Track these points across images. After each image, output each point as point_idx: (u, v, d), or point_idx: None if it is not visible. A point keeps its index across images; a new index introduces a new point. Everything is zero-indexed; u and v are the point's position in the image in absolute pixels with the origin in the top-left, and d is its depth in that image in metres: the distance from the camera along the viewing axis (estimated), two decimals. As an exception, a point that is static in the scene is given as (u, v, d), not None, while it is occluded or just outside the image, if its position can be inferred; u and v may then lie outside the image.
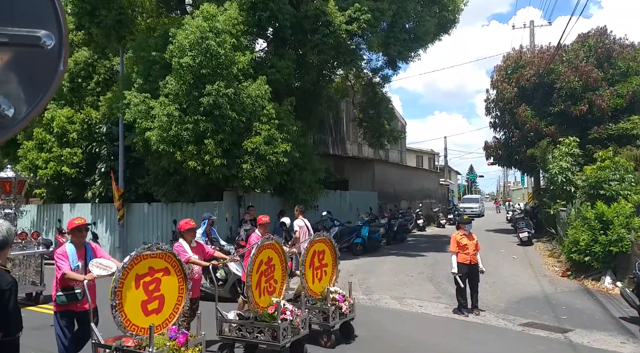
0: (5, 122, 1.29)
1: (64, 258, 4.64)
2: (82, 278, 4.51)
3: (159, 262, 4.51)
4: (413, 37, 15.69)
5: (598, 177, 12.47)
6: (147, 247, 4.38)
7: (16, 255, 8.81)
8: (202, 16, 11.31)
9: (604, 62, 18.67)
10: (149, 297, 4.39)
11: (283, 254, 6.02)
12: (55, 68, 1.33)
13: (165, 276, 4.54)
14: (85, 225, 4.86)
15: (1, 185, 9.22)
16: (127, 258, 4.21)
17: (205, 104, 10.97)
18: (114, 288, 4.02)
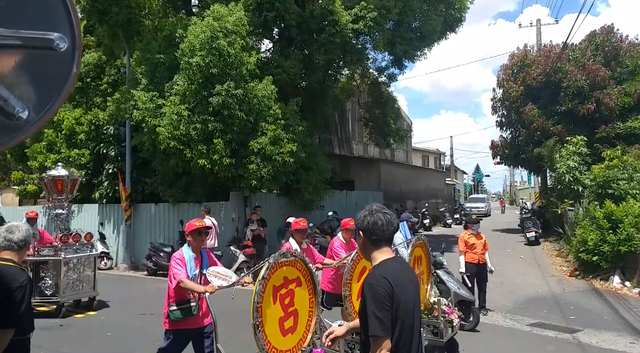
0: (19, 124, 1.30)
1: (182, 264, 4.07)
2: (202, 290, 3.95)
3: (293, 271, 3.89)
4: (419, 36, 15.64)
5: (606, 176, 12.38)
6: (282, 253, 3.75)
7: (70, 258, 8.33)
8: (213, 16, 11.35)
9: (612, 60, 18.54)
10: (285, 313, 3.77)
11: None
12: (69, 70, 1.34)
13: (298, 287, 3.93)
14: (205, 228, 4.31)
15: (53, 184, 8.62)
16: (265, 267, 3.56)
17: (214, 103, 10.98)
18: (255, 304, 3.42)
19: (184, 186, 13.04)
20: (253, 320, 3.40)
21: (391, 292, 2.12)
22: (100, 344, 6.65)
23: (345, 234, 6.19)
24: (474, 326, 7.00)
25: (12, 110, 1.28)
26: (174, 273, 4.01)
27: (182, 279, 3.95)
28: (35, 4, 1.35)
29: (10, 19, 1.30)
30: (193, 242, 4.22)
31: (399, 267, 2.29)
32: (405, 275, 2.27)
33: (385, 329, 2.08)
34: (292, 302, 3.82)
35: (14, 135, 1.31)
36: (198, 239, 4.21)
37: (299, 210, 14.24)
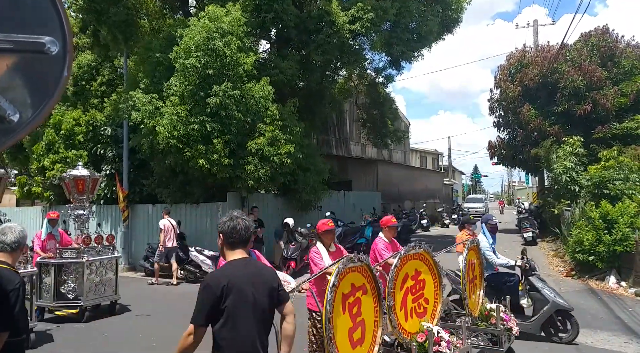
0: (11, 127, 1.32)
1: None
2: None
3: (359, 278, 3.60)
4: (416, 37, 15.68)
5: (602, 177, 12.43)
6: (349, 258, 3.46)
7: (92, 261, 8.05)
8: (208, 17, 11.37)
9: (608, 61, 18.61)
10: (353, 323, 3.48)
11: (435, 267, 4.71)
12: (60, 74, 1.36)
13: (364, 295, 3.65)
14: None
15: (74, 184, 8.39)
16: (335, 274, 3.21)
17: (212, 104, 11.00)
18: (328, 314, 3.10)
19: (181, 187, 13.05)
20: (326, 333, 3.10)
21: (221, 288, 2.49)
22: (97, 345, 6.65)
23: (387, 233, 5.86)
24: (573, 338, 6.34)
25: (3, 114, 1.29)
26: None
27: None
28: (27, 7, 1.36)
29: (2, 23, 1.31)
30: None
31: (242, 268, 2.64)
32: (246, 275, 2.60)
33: (194, 318, 2.52)
34: (360, 311, 3.56)
35: (5, 138, 1.32)
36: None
37: (297, 211, 14.25)
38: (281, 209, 14.24)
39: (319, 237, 4.89)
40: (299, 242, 11.98)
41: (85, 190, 8.46)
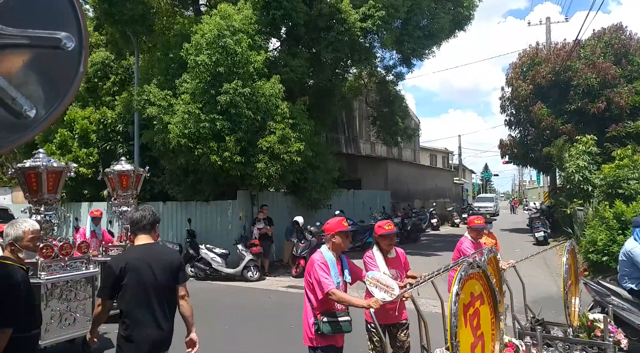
0: (27, 123, 1.31)
1: (327, 270, 3.44)
2: (365, 304, 3.32)
3: (477, 286, 3.23)
4: (427, 34, 15.58)
5: (616, 176, 12.26)
6: (469, 263, 3.05)
7: None
8: (220, 15, 11.40)
9: (622, 58, 18.36)
10: (474, 337, 3.12)
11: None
12: (76, 69, 1.35)
13: (482, 306, 3.28)
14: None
15: (118, 180, 7.96)
16: (457, 280, 2.84)
17: (222, 102, 11.03)
18: (453, 328, 2.75)
19: (192, 185, 13.11)
20: (452, 349, 2.75)
21: (120, 269, 2.99)
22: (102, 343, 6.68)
23: (472, 232, 5.57)
24: None
25: (20, 109, 1.29)
26: (321, 281, 3.37)
27: (333, 290, 3.33)
28: (43, 3, 1.36)
29: (18, 18, 1.30)
30: (338, 245, 3.61)
31: (143, 251, 3.12)
32: (146, 257, 3.07)
33: (100, 293, 3.13)
34: (479, 323, 3.18)
35: (22, 134, 1.32)
36: (345, 242, 3.66)
37: (306, 209, 14.25)
38: (291, 207, 14.25)
39: (376, 242, 4.28)
40: (308, 240, 11.97)
41: (129, 186, 7.98)
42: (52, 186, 5.39)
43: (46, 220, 5.46)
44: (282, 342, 6.57)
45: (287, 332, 7.02)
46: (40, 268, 5.30)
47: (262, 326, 7.30)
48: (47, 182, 5.27)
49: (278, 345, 6.44)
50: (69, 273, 5.74)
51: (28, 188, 5.34)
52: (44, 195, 5.43)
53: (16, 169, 5.24)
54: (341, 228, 3.61)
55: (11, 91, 1.27)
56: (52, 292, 5.56)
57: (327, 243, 3.67)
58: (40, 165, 5.19)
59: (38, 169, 5.19)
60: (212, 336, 6.84)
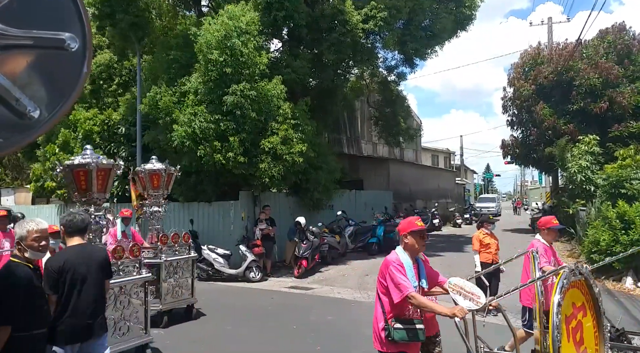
0: (31, 123, 1.31)
1: (404, 272, 3.20)
2: (449, 313, 3.01)
3: (578, 295, 2.93)
4: (429, 34, 15.57)
5: (619, 176, 12.23)
6: (571, 269, 2.78)
7: (170, 261, 7.25)
8: (227, 15, 11.40)
9: (624, 58, 18.32)
10: None
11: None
12: (80, 70, 1.35)
13: (584, 318, 2.98)
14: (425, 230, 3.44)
15: (149, 179, 7.71)
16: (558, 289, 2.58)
17: (228, 103, 11.06)
18: (556, 343, 2.49)
19: (194, 185, 13.12)
20: None
21: (58, 268, 3.35)
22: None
23: (548, 236, 5.23)
24: None
25: (23, 110, 1.29)
26: (399, 283, 3.12)
27: (413, 294, 3.08)
28: (46, 4, 1.36)
29: (22, 19, 1.31)
30: (412, 246, 3.32)
31: (78, 251, 3.50)
32: (81, 257, 3.47)
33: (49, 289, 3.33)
34: (582, 338, 2.85)
35: (26, 135, 1.32)
36: (420, 242, 3.34)
37: (308, 210, 14.24)
38: (293, 208, 14.24)
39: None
40: (310, 240, 11.97)
41: (160, 186, 7.70)
42: (101, 185, 5.02)
43: (96, 221, 5.02)
44: (284, 342, 6.57)
45: (290, 332, 7.02)
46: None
47: (265, 326, 7.29)
48: (97, 181, 4.91)
49: (281, 346, 6.43)
50: (122, 278, 5.28)
51: (77, 187, 4.94)
52: (94, 195, 5.02)
53: (64, 167, 4.86)
54: (413, 227, 3.32)
55: (15, 92, 1.28)
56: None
57: (400, 244, 3.42)
58: (90, 162, 4.81)
59: (88, 166, 4.81)
60: (214, 336, 6.84)
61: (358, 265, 13.20)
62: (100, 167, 4.93)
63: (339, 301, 9.08)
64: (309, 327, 7.25)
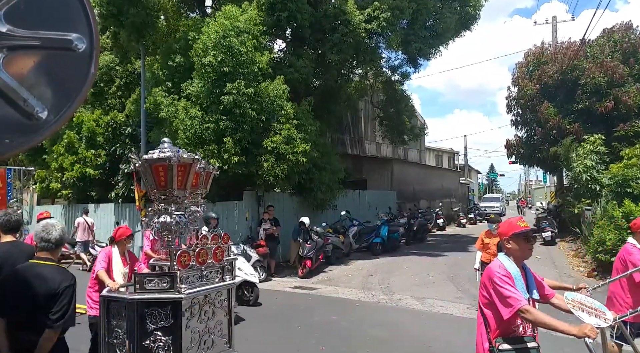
0: (39, 124, 1.31)
1: (511, 282, 2.77)
2: (578, 333, 2.64)
3: None
4: (433, 34, 15.54)
5: (625, 175, 12.15)
6: None
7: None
8: (225, 16, 11.46)
9: (630, 57, 18.20)
10: None
11: None
12: (87, 71, 1.35)
13: None
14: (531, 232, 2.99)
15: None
16: None
17: (225, 102, 11.08)
18: None
19: (198, 186, 13.16)
20: None
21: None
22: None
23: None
24: None
25: (31, 110, 1.29)
26: (507, 296, 2.70)
27: (527, 308, 2.66)
28: (54, 5, 1.36)
29: (29, 20, 1.31)
30: (516, 251, 2.90)
31: (13, 246, 3.74)
32: (16, 250, 3.66)
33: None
34: None
35: (34, 135, 1.32)
36: (525, 247, 2.91)
37: (312, 210, 14.25)
38: (297, 208, 14.24)
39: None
40: (314, 240, 11.97)
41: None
42: (181, 181, 4.59)
43: (177, 221, 4.56)
44: (288, 342, 6.56)
45: (294, 332, 7.02)
46: (180, 280, 4.20)
47: (269, 327, 7.29)
48: (177, 177, 4.50)
49: (285, 346, 6.43)
50: (207, 285, 4.56)
51: (156, 184, 4.51)
52: (174, 192, 4.58)
53: (143, 161, 4.42)
54: (515, 229, 2.89)
55: (22, 92, 1.28)
56: (191, 310, 4.36)
57: (503, 250, 2.99)
58: (171, 156, 4.37)
59: (169, 160, 4.36)
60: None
61: (362, 265, 13.18)
62: (182, 162, 4.46)
63: (343, 301, 9.08)
64: (313, 327, 7.25)
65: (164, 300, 4.02)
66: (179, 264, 4.14)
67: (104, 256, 5.27)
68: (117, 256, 5.34)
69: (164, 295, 4.08)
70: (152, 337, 3.98)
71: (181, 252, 4.22)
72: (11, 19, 1.29)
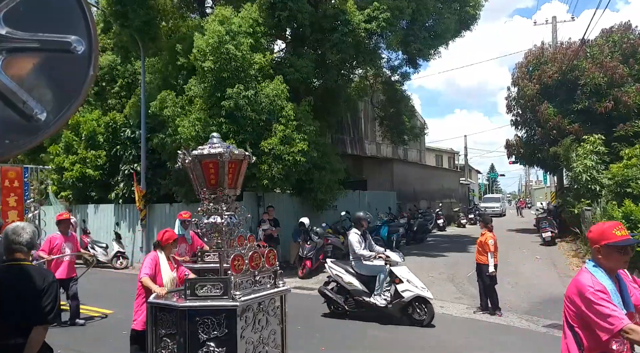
0: (38, 125, 1.32)
1: (608, 298, 2.45)
2: None
3: None
4: (433, 35, 15.55)
5: (625, 175, 12.17)
6: None
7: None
8: (217, 20, 11.47)
9: (630, 57, 18.23)
10: None
11: None
12: (86, 73, 1.36)
13: None
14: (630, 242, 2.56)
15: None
16: None
17: (226, 107, 11.15)
18: None
19: (197, 186, 13.19)
20: None
21: None
22: (116, 342, 6.73)
23: None
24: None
25: (30, 112, 1.30)
26: (608, 315, 2.38)
27: (630, 327, 2.35)
28: (53, 8, 1.37)
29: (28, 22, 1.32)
30: (606, 262, 2.55)
31: None
32: None
33: None
34: None
35: (33, 137, 1.33)
36: (620, 260, 2.54)
37: (312, 211, 14.26)
38: (296, 208, 14.25)
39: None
40: (314, 241, 11.98)
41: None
42: (231, 179, 4.26)
43: (228, 222, 4.23)
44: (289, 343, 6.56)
45: (294, 333, 7.02)
46: (234, 286, 3.78)
47: (269, 327, 7.29)
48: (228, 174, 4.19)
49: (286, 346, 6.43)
50: (261, 291, 4.11)
51: (206, 181, 4.21)
52: (225, 191, 4.25)
53: (193, 157, 4.12)
54: (609, 239, 2.50)
55: (22, 94, 1.29)
56: (245, 318, 3.88)
57: (592, 258, 2.65)
58: (222, 152, 4.05)
59: (220, 157, 4.04)
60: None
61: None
62: (233, 159, 4.14)
63: (343, 301, 9.07)
64: (314, 327, 7.25)
65: (217, 308, 3.67)
66: (232, 269, 3.77)
67: (150, 262, 4.95)
68: (165, 261, 5.01)
69: (219, 302, 3.70)
70: (204, 348, 3.64)
71: (235, 255, 3.83)
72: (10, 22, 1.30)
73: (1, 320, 2.75)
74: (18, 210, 8.39)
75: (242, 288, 3.83)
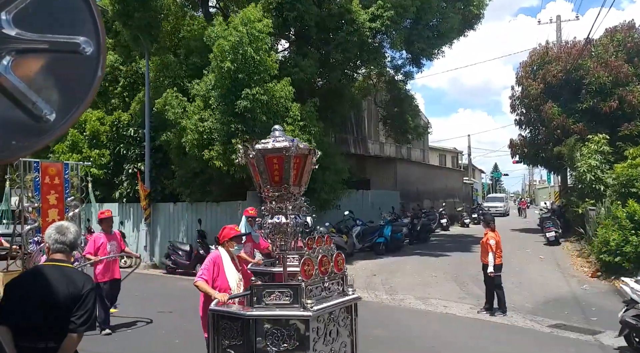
0: (47, 126, 1.33)
1: None
2: None
3: None
4: (437, 34, 15.52)
5: (629, 175, 12.11)
6: None
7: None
8: (241, 21, 11.40)
9: (634, 56, 18.15)
10: None
11: None
12: (94, 74, 1.37)
13: None
14: None
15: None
16: None
17: (241, 107, 11.15)
18: None
19: (201, 186, 13.19)
20: None
21: None
22: (120, 341, 6.76)
23: None
24: None
25: (40, 113, 1.31)
26: None
27: None
28: (62, 8, 1.37)
29: (37, 23, 1.32)
30: None
31: None
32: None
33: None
34: None
35: (42, 138, 1.34)
36: None
37: (315, 210, 14.26)
38: (300, 208, 14.27)
39: None
40: (317, 240, 11.98)
41: None
42: (296, 175, 3.92)
43: (295, 222, 3.93)
44: None
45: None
46: (305, 293, 3.34)
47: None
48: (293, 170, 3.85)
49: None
50: (332, 300, 3.67)
51: (269, 178, 3.89)
52: (290, 188, 3.94)
53: (257, 152, 3.81)
54: None
55: (31, 95, 1.29)
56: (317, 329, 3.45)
57: None
58: (288, 146, 3.72)
59: (285, 151, 3.72)
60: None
61: (365, 265, 13.19)
62: (299, 153, 3.82)
63: (346, 301, 9.09)
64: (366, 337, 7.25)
65: (288, 318, 3.29)
66: (302, 274, 3.33)
67: (208, 264, 4.36)
68: (228, 260, 4.48)
69: (289, 311, 3.30)
70: None
71: (305, 259, 3.41)
72: (20, 23, 1.30)
73: (32, 321, 2.59)
74: (59, 209, 8.17)
75: (312, 296, 3.43)
